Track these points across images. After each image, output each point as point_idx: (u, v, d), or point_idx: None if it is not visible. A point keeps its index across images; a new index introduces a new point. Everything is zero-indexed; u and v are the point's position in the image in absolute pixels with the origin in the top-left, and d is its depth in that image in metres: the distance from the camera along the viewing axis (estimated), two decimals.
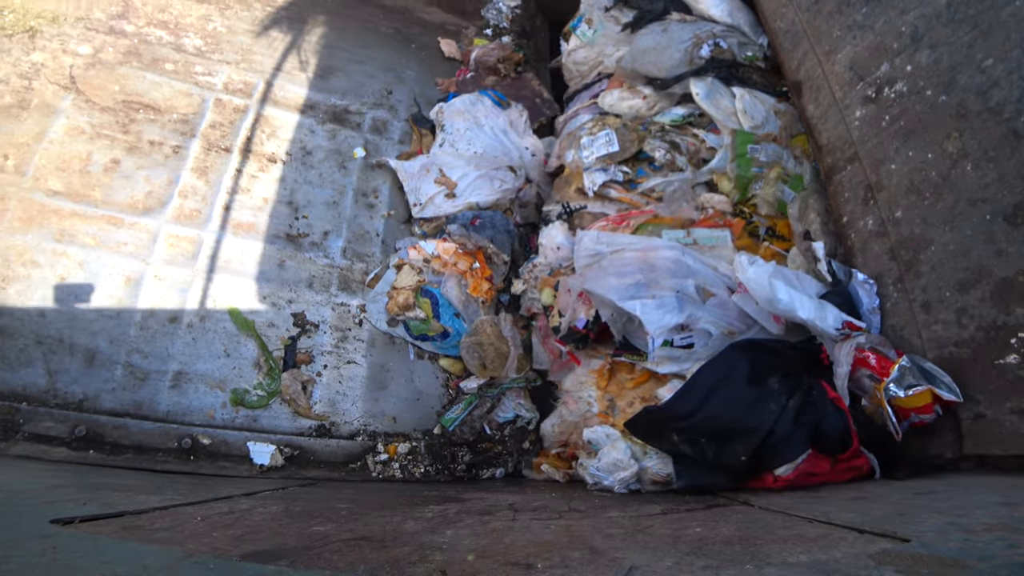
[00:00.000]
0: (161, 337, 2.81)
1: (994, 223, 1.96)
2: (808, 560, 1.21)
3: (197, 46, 3.54)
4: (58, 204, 2.88)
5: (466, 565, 1.35)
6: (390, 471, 2.84)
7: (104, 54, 3.30)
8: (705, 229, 2.96)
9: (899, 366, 2.07)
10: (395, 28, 4.21)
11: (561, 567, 1.31)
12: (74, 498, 1.76)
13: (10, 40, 3.14)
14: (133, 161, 3.08)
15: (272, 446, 2.70)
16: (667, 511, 1.98)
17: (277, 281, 3.10)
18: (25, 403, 2.53)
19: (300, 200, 3.35)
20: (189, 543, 1.39)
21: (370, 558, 1.38)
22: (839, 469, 2.14)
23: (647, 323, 2.45)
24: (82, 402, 2.61)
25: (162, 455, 2.61)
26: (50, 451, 2.47)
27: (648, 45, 3.36)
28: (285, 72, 3.68)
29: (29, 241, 2.77)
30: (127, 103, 3.21)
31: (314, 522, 1.74)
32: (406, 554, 1.42)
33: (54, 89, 3.11)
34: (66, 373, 2.63)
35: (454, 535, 1.64)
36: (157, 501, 1.83)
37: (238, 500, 2.03)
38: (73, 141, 3.02)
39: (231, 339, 2.90)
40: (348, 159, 3.55)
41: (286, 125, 3.52)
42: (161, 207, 3.05)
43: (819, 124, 2.88)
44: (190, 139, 3.26)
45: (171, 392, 2.74)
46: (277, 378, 2.86)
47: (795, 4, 3.05)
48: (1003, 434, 1.89)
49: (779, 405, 2.16)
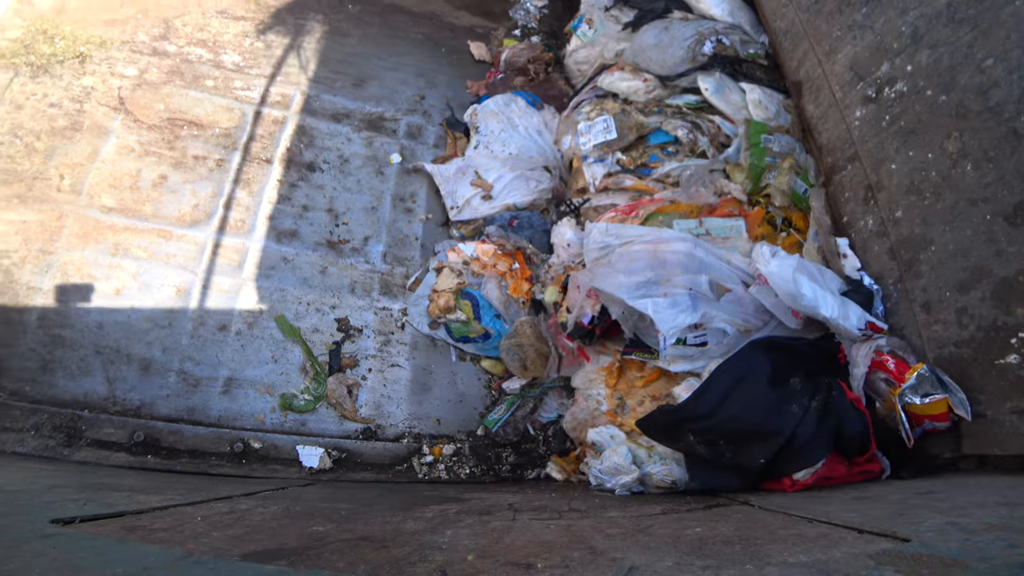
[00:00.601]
0: (211, 345, 2.92)
1: (994, 223, 1.96)
2: (808, 560, 1.21)
3: (235, 62, 3.69)
4: (112, 220, 3.03)
5: (466, 565, 1.35)
6: (436, 472, 2.88)
7: (149, 75, 3.47)
8: (718, 219, 2.85)
9: (917, 374, 2.02)
10: (424, 34, 4.28)
11: (561, 567, 1.31)
12: (74, 498, 1.76)
13: (62, 66, 3.32)
14: (180, 176, 3.23)
15: (320, 449, 2.76)
16: (667, 511, 1.98)
17: (320, 287, 3.19)
18: (87, 410, 2.65)
19: (340, 207, 3.43)
20: (189, 543, 1.39)
21: (370, 558, 1.38)
22: (854, 472, 2.11)
23: (659, 323, 2.37)
24: (139, 408, 2.73)
25: (215, 459, 2.69)
26: (111, 456, 2.58)
27: (650, 42, 3.35)
28: (320, 82, 3.79)
29: (86, 256, 2.92)
30: (172, 120, 3.36)
31: (314, 522, 1.74)
32: (406, 554, 1.42)
33: (104, 111, 3.28)
34: (124, 381, 2.75)
35: (454, 535, 1.64)
36: (157, 501, 1.83)
37: (238, 500, 2.03)
38: (123, 159, 3.18)
39: (278, 345, 3.00)
40: (385, 165, 3.63)
41: (323, 134, 3.62)
42: (207, 219, 3.18)
43: (819, 124, 2.88)
44: (232, 152, 3.39)
45: (222, 398, 2.84)
46: (323, 382, 2.94)
47: (795, 4, 3.05)
48: (1003, 434, 1.89)
49: (801, 407, 2.08)
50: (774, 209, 2.92)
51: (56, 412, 2.61)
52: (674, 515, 1.90)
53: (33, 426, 2.57)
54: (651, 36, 3.38)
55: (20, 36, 3.33)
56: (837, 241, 2.61)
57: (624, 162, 3.25)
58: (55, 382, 2.69)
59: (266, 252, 3.18)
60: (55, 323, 2.77)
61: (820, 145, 2.88)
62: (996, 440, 1.91)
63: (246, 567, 1.22)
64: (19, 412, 2.59)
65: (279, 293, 3.11)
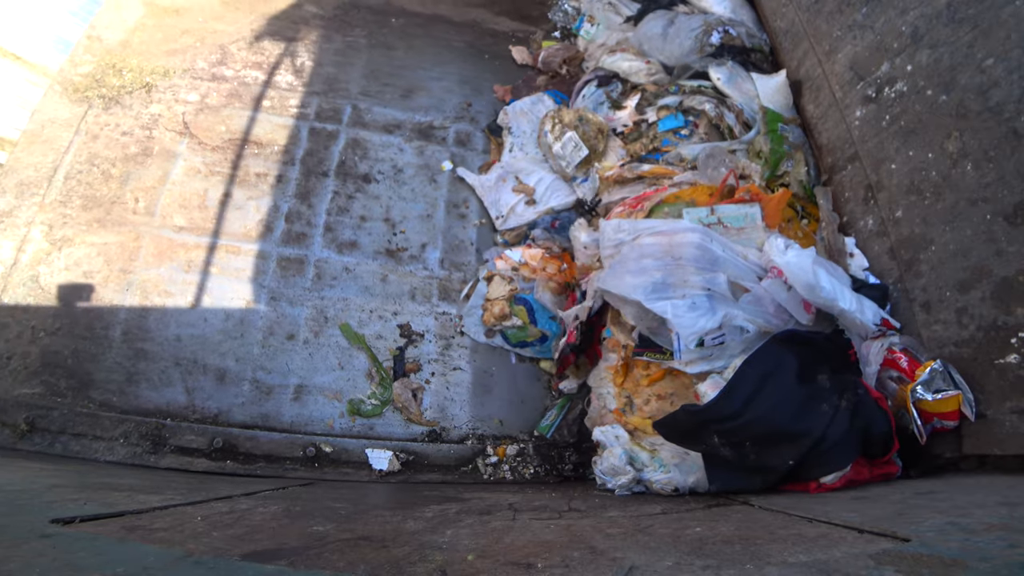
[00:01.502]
0: (281, 354, 3.06)
1: (994, 223, 1.96)
2: (808, 560, 1.21)
3: (289, 81, 3.86)
4: (183, 238, 3.21)
5: (466, 565, 1.35)
6: (500, 473, 2.92)
7: (210, 99, 3.66)
8: (731, 206, 2.70)
9: (931, 368, 2.00)
10: (467, 41, 4.37)
11: (561, 567, 1.31)
12: (74, 498, 1.75)
13: (131, 96, 3.54)
14: (243, 193, 3.41)
15: (389, 452, 2.85)
16: (667, 511, 1.98)
17: (382, 295, 3.30)
18: (169, 419, 2.81)
19: (396, 216, 3.53)
20: (189, 543, 1.39)
21: (370, 558, 1.38)
22: (875, 474, 2.07)
23: (679, 327, 2.27)
24: (217, 416, 2.87)
25: (290, 463, 2.81)
26: (193, 462, 2.72)
27: (656, 31, 3.34)
28: (370, 95, 3.92)
29: (162, 273, 3.10)
30: (233, 141, 3.54)
31: (314, 522, 1.73)
32: (406, 554, 1.42)
33: (171, 135, 3.48)
34: (202, 391, 2.90)
35: (454, 535, 1.64)
36: (157, 501, 1.83)
37: (238, 500, 2.03)
38: (191, 180, 3.37)
39: (343, 352, 3.11)
40: (437, 173, 3.72)
41: (376, 145, 3.74)
42: (271, 233, 3.33)
43: (819, 124, 2.88)
44: (291, 167, 3.54)
45: (293, 404, 2.96)
46: (389, 387, 3.04)
47: (795, 4, 3.05)
48: (1003, 434, 1.89)
49: (831, 406, 2.01)
50: (794, 196, 2.84)
51: (142, 421, 2.76)
52: (674, 515, 1.90)
53: (122, 435, 2.72)
54: (657, 26, 3.37)
55: (91, 71, 3.56)
56: (845, 240, 2.60)
57: (632, 150, 3.21)
58: (139, 393, 2.85)
59: (328, 263, 3.32)
60: (137, 337, 2.95)
61: (820, 145, 2.88)
62: (996, 440, 1.91)
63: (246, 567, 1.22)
64: (108, 422, 2.74)
65: (343, 302, 3.23)
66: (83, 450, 2.67)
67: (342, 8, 4.28)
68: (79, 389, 2.80)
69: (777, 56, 3.25)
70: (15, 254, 3.01)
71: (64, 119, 3.39)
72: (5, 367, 2.79)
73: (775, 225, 2.68)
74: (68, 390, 2.80)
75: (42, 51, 3.58)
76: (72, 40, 3.64)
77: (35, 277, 2.98)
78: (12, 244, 3.03)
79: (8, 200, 3.13)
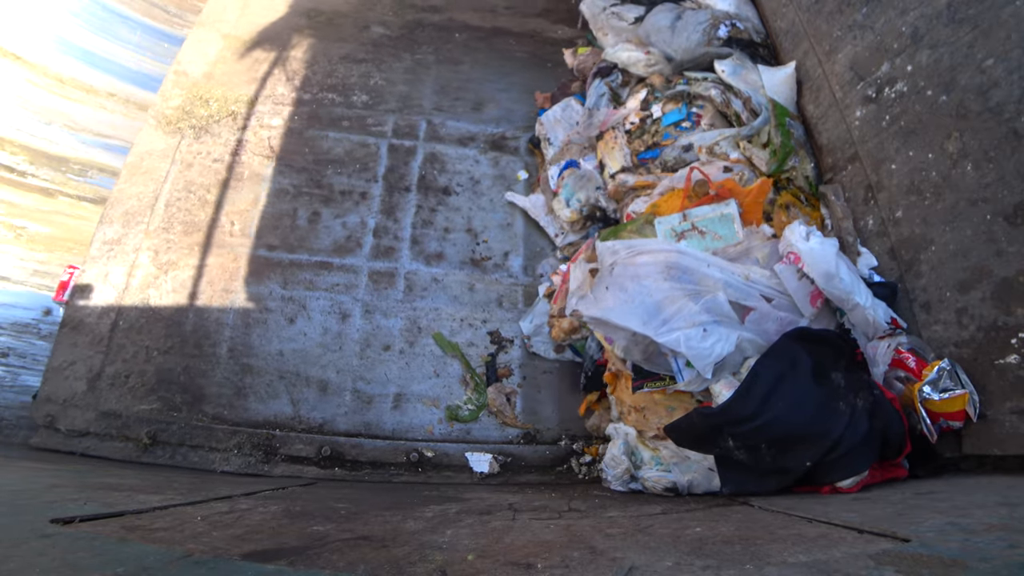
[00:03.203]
0: (379, 364, 3.18)
1: (994, 223, 1.96)
2: (808, 560, 1.21)
3: (364, 101, 3.99)
4: (278, 257, 3.38)
5: (466, 565, 1.35)
6: (595, 472, 2.93)
7: (292, 123, 3.83)
8: (704, 207, 2.57)
9: (939, 367, 1.98)
10: (528, 51, 4.46)
11: (561, 567, 1.31)
12: (74, 498, 1.76)
13: (219, 124, 3.75)
14: (330, 211, 3.55)
15: (488, 455, 2.95)
16: (667, 511, 1.98)
17: (470, 303, 3.40)
18: (278, 429, 2.95)
19: (477, 226, 3.64)
20: (189, 543, 1.39)
21: (370, 558, 1.38)
22: (884, 476, 2.05)
23: (695, 359, 2.16)
24: (322, 426, 3.01)
25: (394, 468, 2.93)
26: (304, 470, 2.87)
27: (664, 24, 3.33)
28: (442, 110, 4.03)
29: (261, 291, 3.27)
30: (317, 161, 3.70)
31: (314, 522, 1.73)
32: (406, 554, 1.42)
33: (259, 160, 3.67)
34: (306, 402, 3.05)
35: (454, 535, 1.64)
36: (157, 501, 1.83)
37: (238, 500, 2.03)
38: (280, 201, 3.55)
39: (438, 360, 3.23)
40: (513, 182, 3.82)
41: (453, 158, 3.84)
42: (360, 248, 3.47)
43: (819, 124, 2.88)
44: (374, 184, 3.67)
45: (393, 412, 3.09)
46: (483, 392, 3.15)
47: (795, 4, 3.05)
48: (1003, 434, 1.89)
49: (848, 405, 1.97)
50: (794, 187, 2.81)
51: (253, 432, 2.91)
52: (674, 515, 1.90)
53: (235, 446, 2.87)
54: (666, 19, 3.36)
55: (181, 103, 3.78)
56: (856, 237, 2.57)
57: (634, 148, 3.20)
58: (248, 406, 3.00)
59: (418, 274, 3.43)
60: (242, 353, 3.10)
61: (820, 145, 2.87)
62: (996, 440, 1.91)
63: (246, 567, 1.22)
64: (222, 434, 2.90)
65: (434, 312, 3.35)
66: (201, 461, 2.84)
67: (407, 27, 4.43)
68: (193, 404, 2.97)
69: (778, 57, 3.25)
70: (126, 279, 3.21)
71: (160, 150, 3.60)
72: (124, 385, 2.97)
73: (756, 220, 2.58)
74: (183, 405, 2.96)
75: (135, 88, 3.93)
76: (162, 77, 3.92)
77: (146, 300, 3.17)
78: (123, 269, 3.23)
79: (116, 229, 3.34)
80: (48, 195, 3.38)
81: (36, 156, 3.42)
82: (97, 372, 2.97)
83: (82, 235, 3.38)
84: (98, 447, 2.81)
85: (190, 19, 4.29)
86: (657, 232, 2.64)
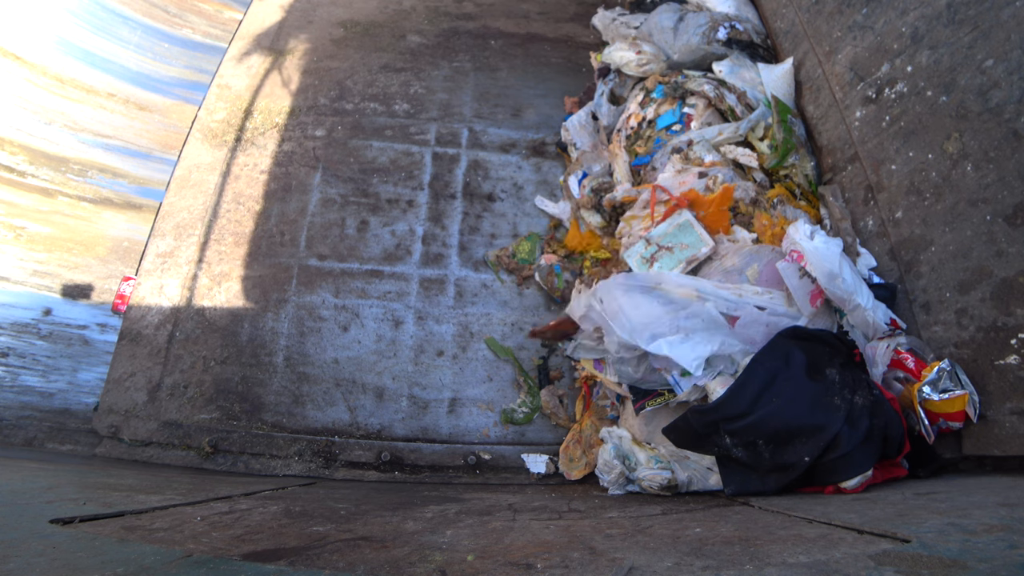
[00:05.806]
0: (433, 370, 3.21)
1: (994, 223, 1.96)
2: (808, 560, 1.21)
3: (406, 110, 4.01)
4: (329, 266, 3.41)
5: (466, 565, 1.35)
6: None
7: (335, 133, 3.86)
8: (661, 225, 2.66)
9: (939, 368, 1.99)
10: (563, 57, 4.46)
11: (561, 567, 1.31)
12: (74, 498, 1.76)
13: (263, 136, 3.80)
14: (378, 219, 3.57)
15: (545, 456, 2.98)
16: (667, 511, 1.98)
17: (520, 308, 3.43)
18: (337, 436, 3.00)
19: (523, 231, 3.65)
20: (189, 543, 1.39)
21: (370, 558, 1.38)
22: (885, 477, 2.04)
23: (679, 358, 2.22)
24: (380, 431, 3.05)
25: (453, 471, 2.97)
26: (364, 475, 2.91)
27: (667, 25, 3.36)
28: (483, 117, 4.04)
29: (314, 300, 3.30)
30: (362, 170, 3.72)
31: (314, 522, 1.73)
32: (406, 554, 1.42)
33: (305, 170, 3.69)
34: (363, 408, 3.09)
35: (454, 535, 1.64)
36: (157, 501, 1.83)
37: (238, 500, 2.03)
38: (328, 211, 3.57)
39: (491, 365, 3.25)
40: (556, 187, 3.81)
41: (495, 165, 3.86)
42: (410, 255, 3.49)
43: (819, 124, 2.88)
44: (419, 192, 3.68)
45: (449, 417, 3.12)
46: (536, 395, 3.18)
47: (795, 5, 3.05)
48: (1002, 435, 1.89)
49: (844, 400, 1.98)
50: (790, 182, 2.83)
51: (312, 439, 2.96)
52: (674, 515, 1.90)
53: (296, 452, 2.92)
54: (670, 20, 3.39)
55: (225, 116, 3.86)
56: (856, 238, 2.57)
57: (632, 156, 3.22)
58: (306, 414, 3.04)
59: (467, 280, 3.45)
60: (298, 362, 3.14)
61: (820, 146, 2.88)
62: (996, 441, 1.91)
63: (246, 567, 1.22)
64: (282, 441, 2.95)
65: (484, 317, 3.36)
66: (263, 468, 2.88)
67: (443, 35, 4.44)
68: (252, 412, 3.02)
69: (778, 57, 3.25)
70: (181, 291, 3.28)
71: (207, 163, 3.66)
72: (183, 395, 3.03)
73: (722, 228, 2.64)
74: (242, 413, 3.01)
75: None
76: (206, 91, 4.00)
77: (201, 311, 3.23)
78: (177, 282, 3.30)
79: (168, 242, 3.41)
80: (48, 195, 3.37)
81: (36, 156, 3.41)
82: (157, 383, 3.03)
83: (82, 235, 3.37)
84: (161, 456, 2.88)
85: (190, 19, 4.30)
86: (629, 264, 2.71)
